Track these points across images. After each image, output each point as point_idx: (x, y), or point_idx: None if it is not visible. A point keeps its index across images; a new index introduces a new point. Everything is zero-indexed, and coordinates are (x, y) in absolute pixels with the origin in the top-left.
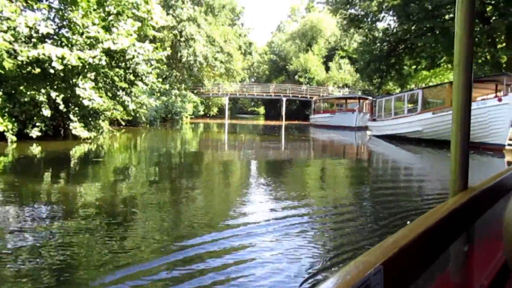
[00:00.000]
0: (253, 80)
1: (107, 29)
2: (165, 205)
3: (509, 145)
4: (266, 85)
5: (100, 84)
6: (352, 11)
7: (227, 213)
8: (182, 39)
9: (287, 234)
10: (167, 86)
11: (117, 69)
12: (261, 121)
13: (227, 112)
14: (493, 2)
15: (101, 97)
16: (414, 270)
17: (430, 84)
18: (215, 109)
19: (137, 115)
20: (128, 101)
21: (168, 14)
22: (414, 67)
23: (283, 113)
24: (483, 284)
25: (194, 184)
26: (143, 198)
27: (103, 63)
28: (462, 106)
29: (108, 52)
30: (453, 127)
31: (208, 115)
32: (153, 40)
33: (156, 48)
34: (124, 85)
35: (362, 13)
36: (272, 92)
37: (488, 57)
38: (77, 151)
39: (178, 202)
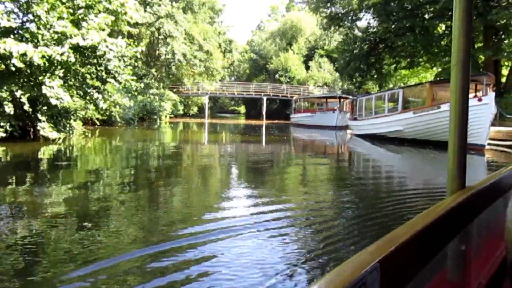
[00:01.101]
0: (233, 79)
1: (77, 23)
2: (131, 211)
3: (489, 144)
4: (246, 84)
5: (70, 82)
6: (333, 9)
7: (201, 218)
8: (160, 36)
9: (261, 236)
10: (142, 85)
11: (88, 67)
12: (242, 121)
13: (207, 112)
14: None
15: (71, 96)
16: (411, 269)
17: (409, 83)
18: (195, 108)
19: (112, 114)
20: (99, 100)
21: (145, 11)
22: (394, 66)
23: (264, 113)
24: (481, 283)
25: (165, 188)
26: (107, 202)
27: (72, 60)
28: (460, 105)
29: (77, 48)
30: (451, 126)
31: (188, 114)
32: (130, 37)
33: (130, 44)
34: (95, 83)
35: (343, 11)
36: (253, 91)
37: None
38: (42, 153)
39: (146, 207)
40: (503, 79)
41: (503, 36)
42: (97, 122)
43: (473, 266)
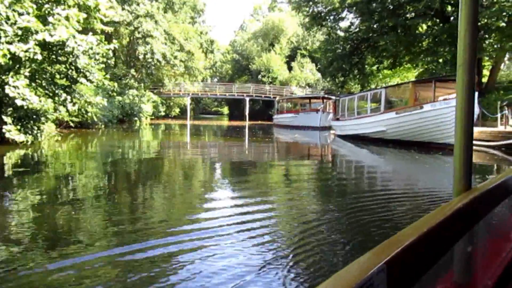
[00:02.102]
0: (216, 79)
1: (45, 18)
2: (98, 219)
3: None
4: (229, 84)
5: (37, 82)
6: (315, 8)
7: (177, 226)
8: (139, 36)
9: (239, 242)
10: (115, 84)
11: (57, 65)
12: (224, 122)
13: (189, 113)
14: (452, 1)
15: (39, 96)
16: (417, 270)
17: (391, 83)
18: (177, 110)
19: (88, 115)
20: (68, 100)
21: (123, 9)
22: (376, 66)
23: (247, 113)
24: (487, 285)
25: (138, 194)
26: (71, 211)
27: (39, 57)
28: (465, 106)
29: (44, 45)
30: (457, 127)
31: (169, 115)
32: (108, 36)
33: (101, 41)
34: (65, 82)
35: (325, 10)
36: (235, 92)
37: (449, 56)
38: (8, 157)
39: (114, 219)
40: (485, 79)
41: (485, 36)
42: (72, 124)
43: (479, 268)
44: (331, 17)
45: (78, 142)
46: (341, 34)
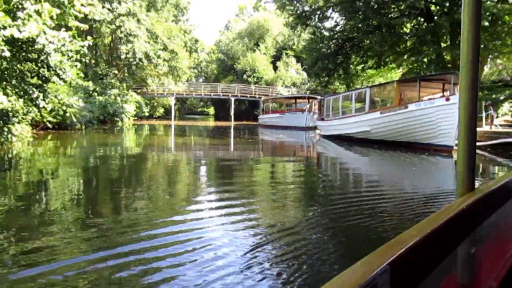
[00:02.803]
0: (201, 80)
1: (13, 14)
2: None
3: (456, 145)
4: (214, 84)
5: (7, 81)
6: (299, 7)
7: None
8: (121, 34)
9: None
10: (90, 83)
11: (28, 63)
12: (209, 122)
13: (173, 113)
14: (436, 1)
15: (8, 96)
16: (421, 271)
17: (376, 83)
18: (161, 110)
19: (65, 116)
20: (41, 98)
21: (103, 7)
22: (361, 66)
23: (232, 114)
24: (492, 286)
25: (109, 200)
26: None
27: (7, 54)
28: (469, 106)
29: (12, 42)
30: (460, 128)
31: (154, 116)
32: (89, 35)
33: (74, 37)
34: (36, 81)
35: (310, 9)
36: (220, 92)
37: (433, 56)
38: None
39: (86, 227)
40: None
41: None
42: (50, 126)
43: (483, 269)
44: (316, 16)
45: (52, 144)
46: (326, 33)
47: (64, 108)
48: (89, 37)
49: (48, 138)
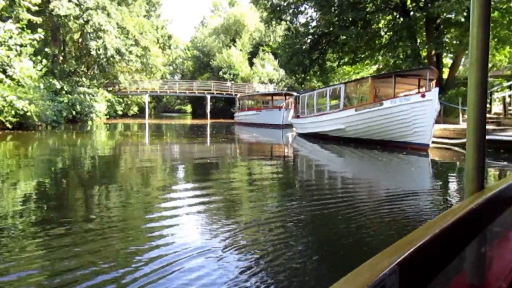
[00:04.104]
0: (179, 77)
1: None
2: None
3: (434, 142)
4: (190, 82)
5: None
6: (273, 1)
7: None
8: (90, 29)
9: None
10: (41, 83)
11: None
12: (185, 120)
13: (147, 111)
14: None
15: None
16: (430, 271)
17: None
18: (136, 108)
19: (27, 115)
20: None
21: (70, 1)
22: (337, 62)
23: (208, 112)
24: (501, 286)
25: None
26: None
27: None
28: (478, 104)
29: None
30: (469, 126)
31: (128, 114)
32: (55, 30)
33: (22, 29)
34: None
35: (284, 3)
36: (196, 89)
37: (409, 51)
38: None
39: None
40: (445, 75)
41: (444, 31)
42: (9, 126)
43: (493, 269)
44: (290, 11)
45: (11, 146)
46: (301, 29)
47: (21, 107)
48: (40, 30)
49: (9, 139)
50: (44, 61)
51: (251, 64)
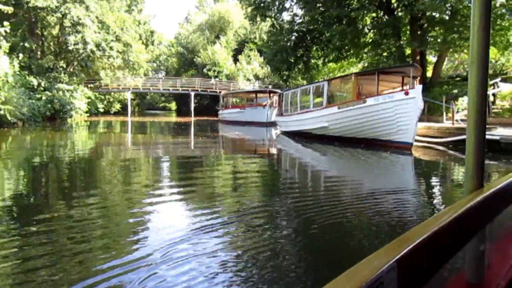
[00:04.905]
0: (163, 74)
1: None
2: None
3: (418, 141)
4: (174, 79)
5: None
6: None
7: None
8: (68, 23)
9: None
10: (17, 79)
11: None
12: (169, 118)
13: (130, 109)
14: None
15: None
16: (428, 268)
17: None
18: (118, 106)
19: (1, 113)
20: None
21: None
22: (322, 59)
23: (192, 109)
24: (500, 284)
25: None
26: None
27: None
28: (478, 103)
29: None
30: (469, 124)
31: (110, 112)
32: (33, 25)
33: None
34: None
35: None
36: (180, 86)
37: (393, 49)
38: None
39: None
40: (429, 73)
41: (429, 29)
42: None
43: (492, 267)
44: (275, 7)
45: None
46: (286, 25)
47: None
48: (6, 23)
49: None
50: (21, 55)
51: (236, 61)
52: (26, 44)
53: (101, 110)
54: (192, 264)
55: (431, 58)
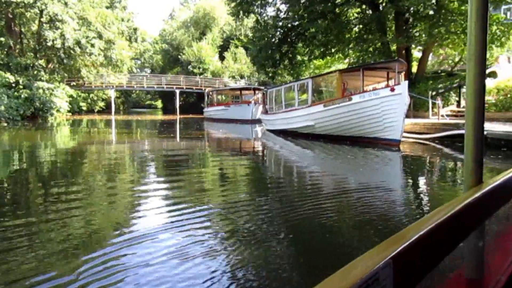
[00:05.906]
0: (148, 71)
1: None
2: None
3: (405, 137)
4: (159, 76)
5: None
6: None
7: None
8: (45, 19)
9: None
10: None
11: None
12: (153, 116)
13: (113, 107)
14: None
15: None
16: (425, 265)
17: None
18: (102, 104)
19: None
20: None
21: None
22: (307, 56)
23: (177, 107)
24: (500, 280)
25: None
26: None
27: None
28: (476, 99)
29: None
30: (467, 120)
31: (94, 110)
32: (11, 21)
33: None
34: None
35: None
36: (164, 84)
37: (378, 44)
38: None
39: None
40: (414, 69)
41: (414, 24)
42: None
43: (492, 263)
44: (258, 2)
45: None
46: (270, 21)
47: None
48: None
49: None
50: None
51: (222, 58)
52: (2, 39)
53: (84, 108)
54: (168, 264)
55: (416, 54)
